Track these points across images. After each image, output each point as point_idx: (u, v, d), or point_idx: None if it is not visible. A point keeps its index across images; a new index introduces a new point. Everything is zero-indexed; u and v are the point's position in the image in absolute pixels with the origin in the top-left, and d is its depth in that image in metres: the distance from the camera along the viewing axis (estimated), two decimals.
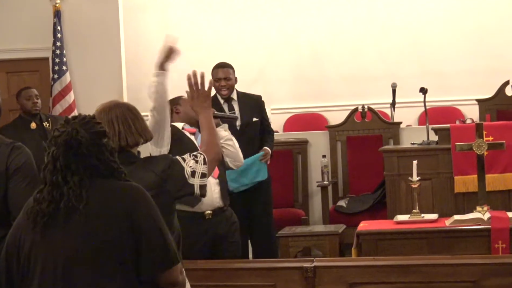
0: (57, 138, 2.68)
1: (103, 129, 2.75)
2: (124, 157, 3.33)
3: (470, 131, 5.88)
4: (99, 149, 2.70)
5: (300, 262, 4.64)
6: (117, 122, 3.38)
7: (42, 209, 2.64)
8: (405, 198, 6.11)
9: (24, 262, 2.66)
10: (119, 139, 3.35)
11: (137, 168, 3.35)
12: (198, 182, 3.47)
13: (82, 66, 8.51)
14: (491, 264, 4.39)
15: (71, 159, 2.65)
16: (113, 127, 3.36)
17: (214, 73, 6.39)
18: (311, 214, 7.66)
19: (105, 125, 3.32)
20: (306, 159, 7.81)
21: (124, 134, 3.37)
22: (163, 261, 2.66)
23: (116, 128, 3.37)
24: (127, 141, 3.37)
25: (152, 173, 3.37)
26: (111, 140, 3.25)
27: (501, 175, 6.08)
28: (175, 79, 9.73)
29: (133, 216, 2.63)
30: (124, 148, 3.37)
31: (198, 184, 3.47)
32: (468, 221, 5.50)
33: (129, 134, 3.38)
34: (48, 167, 2.68)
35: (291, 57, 9.44)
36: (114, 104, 3.46)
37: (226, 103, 6.37)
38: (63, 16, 8.48)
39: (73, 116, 2.77)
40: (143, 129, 3.44)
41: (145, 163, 3.46)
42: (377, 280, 4.38)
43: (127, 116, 3.41)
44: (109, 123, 3.35)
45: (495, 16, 9.08)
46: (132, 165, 3.35)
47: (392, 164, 6.25)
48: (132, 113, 3.43)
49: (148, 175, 3.34)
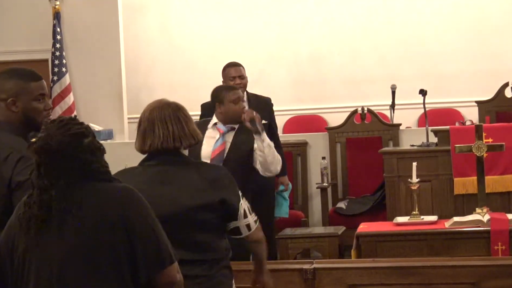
0: (32, 145, 2.65)
1: (81, 130, 2.68)
2: (177, 158, 3.31)
3: (469, 133, 5.88)
4: (77, 151, 2.64)
5: (300, 263, 4.65)
6: (170, 122, 3.28)
7: (34, 213, 2.62)
8: (405, 199, 6.11)
9: (18, 265, 2.64)
10: (173, 140, 3.27)
11: (188, 170, 3.31)
12: (252, 220, 3.39)
13: (82, 68, 8.51)
14: (491, 266, 4.39)
15: (52, 163, 2.63)
16: (166, 127, 3.27)
17: (227, 73, 6.34)
18: (310, 216, 7.66)
19: (158, 124, 3.29)
20: (306, 161, 7.80)
21: (179, 135, 3.28)
22: (158, 261, 2.65)
23: (170, 128, 3.28)
24: (182, 142, 3.30)
25: (203, 178, 3.28)
26: (166, 141, 3.23)
27: (501, 176, 6.08)
28: (174, 79, 9.74)
29: (126, 217, 2.62)
30: (178, 148, 3.31)
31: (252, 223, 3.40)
32: (467, 223, 5.50)
33: (183, 135, 3.30)
34: (34, 172, 2.66)
35: (290, 59, 9.44)
36: (165, 103, 3.37)
37: None
38: (62, 17, 8.49)
39: (52, 120, 2.71)
40: (195, 130, 3.36)
41: (199, 166, 3.42)
42: (376, 282, 4.38)
43: (180, 116, 3.32)
44: (162, 122, 3.28)
45: (495, 18, 9.08)
46: (186, 166, 3.31)
47: (392, 166, 6.25)
48: (184, 114, 3.35)
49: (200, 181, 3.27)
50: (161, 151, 3.28)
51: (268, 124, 6.41)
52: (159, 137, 3.28)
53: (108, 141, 7.57)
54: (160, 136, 3.28)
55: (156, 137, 3.28)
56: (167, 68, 9.41)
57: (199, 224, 3.21)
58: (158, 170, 3.29)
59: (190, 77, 9.26)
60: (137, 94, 9.07)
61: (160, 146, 3.28)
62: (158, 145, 3.28)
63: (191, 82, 9.20)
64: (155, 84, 9.46)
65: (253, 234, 3.39)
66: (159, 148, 3.28)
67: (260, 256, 3.52)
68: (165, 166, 3.30)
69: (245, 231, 3.36)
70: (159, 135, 3.28)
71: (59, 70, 8.37)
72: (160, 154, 3.30)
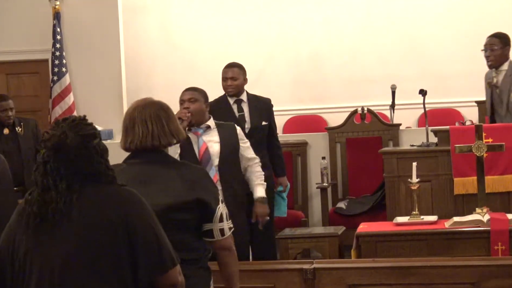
0: (46, 142, 2.66)
1: (93, 131, 2.72)
2: (157, 157, 3.33)
3: (469, 133, 5.88)
4: (89, 151, 2.67)
5: (300, 263, 4.64)
6: (150, 121, 3.33)
7: (33, 211, 2.63)
8: (405, 199, 6.11)
9: (19, 267, 2.65)
10: (152, 139, 3.31)
11: (168, 169, 3.32)
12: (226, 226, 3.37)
13: (82, 68, 8.52)
14: (491, 266, 4.39)
15: (60, 162, 2.64)
16: (146, 126, 3.32)
17: (222, 73, 6.45)
18: (310, 216, 7.66)
19: (138, 123, 3.32)
20: (306, 161, 7.80)
21: (157, 134, 3.32)
22: (160, 264, 2.65)
23: (150, 127, 3.32)
24: (160, 141, 3.33)
25: (182, 179, 3.30)
26: (144, 140, 3.26)
27: (501, 176, 6.08)
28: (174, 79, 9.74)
29: (127, 220, 2.62)
30: (157, 147, 3.34)
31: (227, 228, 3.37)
32: (467, 223, 5.50)
33: (162, 134, 3.34)
34: (39, 169, 2.66)
35: (290, 59, 9.44)
36: (148, 102, 3.42)
37: (236, 104, 6.39)
38: (62, 18, 8.49)
39: (63, 118, 2.74)
40: (176, 129, 3.39)
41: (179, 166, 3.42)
42: (376, 282, 4.38)
43: (161, 115, 3.36)
44: (143, 121, 3.32)
45: (494, 18, 9.08)
46: (165, 164, 3.33)
47: (392, 166, 6.25)
48: (166, 113, 3.39)
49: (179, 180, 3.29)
50: (140, 149, 3.32)
51: (268, 125, 6.43)
52: (138, 136, 3.33)
53: (108, 141, 7.57)
54: (139, 135, 3.33)
55: (136, 136, 3.33)
56: (167, 68, 9.41)
57: (176, 223, 3.22)
58: (139, 169, 3.33)
59: (190, 77, 9.25)
60: (137, 94, 9.04)
61: (139, 144, 3.32)
62: (137, 143, 3.32)
63: (191, 82, 9.14)
64: (155, 84, 9.46)
65: (224, 240, 3.37)
66: (138, 146, 3.32)
67: (231, 269, 3.43)
68: (146, 164, 3.34)
69: (217, 235, 3.35)
70: (139, 133, 3.33)
71: (59, 70, 8.37)
72: (141, 152, 3.34)
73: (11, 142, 7.35)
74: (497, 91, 6.53)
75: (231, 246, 3.42)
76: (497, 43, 6.56)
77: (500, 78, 6.58)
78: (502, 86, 6.49)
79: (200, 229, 3.34)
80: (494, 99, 6.62)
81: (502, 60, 6.59)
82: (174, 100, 5.18)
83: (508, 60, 6.62)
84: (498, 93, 6.53)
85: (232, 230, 3.42)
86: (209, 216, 3.32)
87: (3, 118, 7.35)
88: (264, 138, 6.40)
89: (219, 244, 3.38)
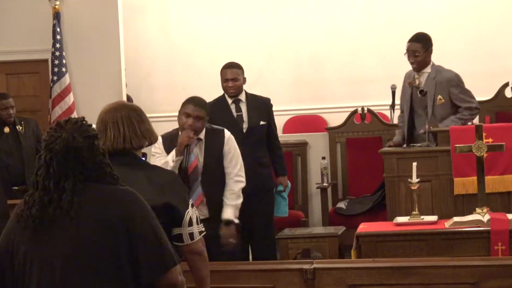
0: (52, 144, 2.66)
1: (95, 132, 2.74)
2: (128, 159, 3.33)
3: (469, 133, 5.88)
4: (94, 152, 2.69)
5: (300, 264, 4.64)
6: (122, 123, 3.33)
7: (32, 213, 2.63)
8: (405, 199, 6.11)
9: (19, 268, 2.64)
10: (123, 141, 3.32)
11: (138, 172, 3.32)
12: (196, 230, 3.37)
13: (82, 68, 8.50)
14: (491, 266, 4.39)
15: (68, 164, 2.64)
16: (117, 128, 3.33)
17: (222, 74, 6.43)
18: (310, 216, 7.66)
19: (110, 126, 3.32)
20: (306, 161, 7.80)
21: (129, 137, 3.33)
22: (161, 264, 2.65)
23: (121, 130, 3.33)
24: (132, 143, 3.34)
25: (151, 182, 3.30)
26: (116, 142, 3.26)
27: (501, 176, 6.08)
28: (174, 79, 9.73)
29: (128, 220, 2.62)
30: (128, 150, 3.35)
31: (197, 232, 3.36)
32: (467, 223, 5.50)
33: (134, 136, 3.35)
34: (40, 171, 2.66)
35: (290, 59, 9.43)
36: (120, 105, 3.43)
37: (234, 104, 6.39)
38: (62, 17, 8.47)
39: (65, 120, 2.73)
40: (148, 131, 3.40)
41: (149, 169, 3.42)
42: (376, 282, 4.38)
43: (132, 118, 3.37)
44: (114, 124, 3.33)
45: (494, 18, 9.08)
46: (135, 167, 3.33)
47: (392, 166, 6.25)
48: (138, 115, 3.39)
49: (146, 183, 3.29)
50: (112, 152, 3.29)
51: (267, 125, 6.43)
52: (110, 139, 3.33)
53: None
54: (111, 138, 3.33)
55: (108, 139, 3.33)
56: (167, 68, 9.41)
57: None
58: None
59: (190, 77, 9.26)
60: (137, 94, 9.06)
61: (111, 147, 3.32)
62: (109, 146, 3.31)
63: (191, 82, 9.19)
64: (155, 84, 9.46)
65: (194, 244, 3.37)
66: (110, 148, 3.31)
67: (201, 273, 3.41)
68: (116, 167, 3.31)
69: (187, 240, 3.34)
70: (110, 136, 3.33)
71: (59, 70, 8.35)
72: (113, 155, 3.31)
73: (12, 141, 7.36)
74: (417, 92, 6.53)
75: (201, 250, 3.40)
76: (419, 49, 6.57)
77: (423, 79, 6.59)
78: (425, 89, 6.48)
79: (169, 233, 3.30)
80: (413, 100, 6.61)
81: (426, 63, 6.61)
82: (174, 100, 5.19)
83: (431, 62, 6.63)
84: (419, 95, 6.54)
85: (203, 233, 3.40)
86: (178, 220, 3.31)
87: (4, 117, 7.35)
88: (263, 138, 6.40)
89: (189, 248, 3.37)
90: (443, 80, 6.55)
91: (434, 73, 6.58)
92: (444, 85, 6.52)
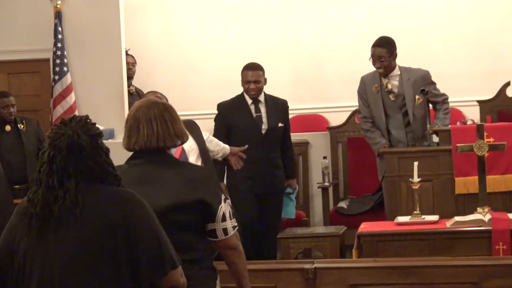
0: (56, 141, 2.66)
1: (99, 130, 2.73)
2: (160, 158, 3.32)
3: (471, 132, 5.89)
4: (97, 151, 2.69)
5: (301, 263, 4.65)
6: (155, 122, 3.31)
7: (36, 212, 2.62)
8: (406, 199, 6.11)
9: (19, 266, 2.64)
10: (157, 141, 3.30)
11: (170, 170, 3.31)
12: (230, 225, 3.35)
13: (83, 67, 8.51)
14: (492, 266, 4.39)
15: (71, 162, 2.64)
16: (151, 127, 3.30)
17: (243, 75, 6.42)
18: (311, 215, 7.66)
19: (144, 124, 3.31)
20: (307, 160, 7.80)
21: (163, 136, 3.31)
22: (161, 266, 2.64)
23: (155, 128, 3.30)
24: (166, 143, 3.32)
25: (184, 179, 3.29)
26: (149, 141, 3.25)
27: (502, 176, 6.08)
28: (174, 79, 9.73)
29: (128, 221, 2.61)
30: (161, 148, 3.33)
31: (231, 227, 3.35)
32: (469, 223, 5.50)
33: (168, 136, 3.32)
34: (43, 168, 2.66)
35: (291, 59, 9.43)
36: (152, 102, 3.39)
37: (254, 105, 6.40)
38: (64, 17, 8.48)
39: (69, 118, 2.73)
40: (181, 131, 3.38)
41: (181, 166, 3.42)
42: (377, 282, 4.38)
43: (165, 117, 3.34)
44: (148, 122, 3.30)
45: (496, 17, 9.07)
46: (167, 165, 3.32)
47: (393, 165, 6.25)
48: (170, 114, 3.37)
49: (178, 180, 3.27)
50: (145, 150, 3.31)
51: (284, 127, 6.46)
52: (143, 137, 3.31)
53: (109, 141, 7.57)
54: (144, 136, 3.31)
55: (141, 136, 3.31)
56: (167, 68, 9.41)
57: (177, 224, 3.21)
58: (141, 170, 3.31)
59: (190, 77, 9.25)
60: None
61: (144, 145, 3.31)
62: (142, 144, 3.31)
63: (191, 82, 9.19)
64: (155, 84, 9.43)
65: (228, 239, 3.36)
66: (143, 147, 3.31)
67: (238, 267, 3.42)
68: (148, 165, 3.32)
69: (221, 235, 3.33)
70: (144, 134, 3.31)
71: (61, 70, 8.36)
72: (145, 153, 3.33)
73: (14, 139, 7.36)
74: (390, 96, 6.53)
75: (236, 245, 3.39)
76: (384, 54, 6.58)
77: (394, 83, 6.59)
78: (400, 92, 6.48)
79: (203, 229, 3.32)
80: (386, 105, 6.59)
81: (392, 67, 6.62)
82: (174, 100, 5.18)
83: (397, 65, 6.64)
84: (393, 99, 6.53)
85: (237, 228, 3.40)
86: (211, 216, 3.30)
87: (5, 115, 7.35)
88: (279, 139, 6.44)
89: (223, 244, 3.36)
90: (418, 79, 6.57)
91: (406, 74, 6.60)
92: (420, 83, 6.54)
